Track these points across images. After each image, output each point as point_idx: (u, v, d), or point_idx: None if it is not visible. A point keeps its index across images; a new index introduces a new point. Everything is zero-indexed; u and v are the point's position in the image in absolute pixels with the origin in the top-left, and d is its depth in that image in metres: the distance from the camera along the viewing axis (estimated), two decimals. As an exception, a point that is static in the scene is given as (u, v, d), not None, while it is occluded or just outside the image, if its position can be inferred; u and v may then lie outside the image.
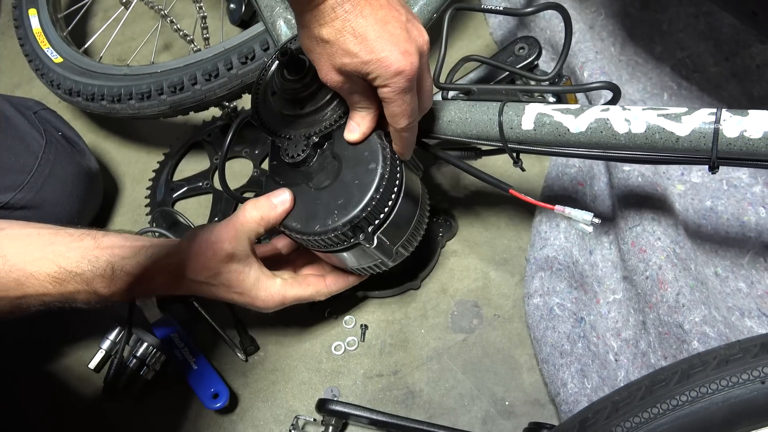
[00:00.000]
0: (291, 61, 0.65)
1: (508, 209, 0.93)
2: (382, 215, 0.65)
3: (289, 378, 0.85)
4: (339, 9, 0.52)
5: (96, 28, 1.34)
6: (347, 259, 0.71)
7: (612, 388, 0.74)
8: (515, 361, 0.81)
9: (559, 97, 0.71)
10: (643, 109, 0.59)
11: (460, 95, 0.73)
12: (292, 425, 0.80)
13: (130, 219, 1.07)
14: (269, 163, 0.72)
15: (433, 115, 0.70)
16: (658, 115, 0.58)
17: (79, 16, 1.23)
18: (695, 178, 0.88)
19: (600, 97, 0.91)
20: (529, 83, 0.75)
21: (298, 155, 0.66)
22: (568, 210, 0.62)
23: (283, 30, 0.82)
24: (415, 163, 0.73)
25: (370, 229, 0.65)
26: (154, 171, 1.10)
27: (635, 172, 0.82)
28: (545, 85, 0.71)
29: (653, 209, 0.78)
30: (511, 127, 0.65)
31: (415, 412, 0.80)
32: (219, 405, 0.81)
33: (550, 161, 0.96)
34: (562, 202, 0.62)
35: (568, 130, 0.62)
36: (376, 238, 0.66)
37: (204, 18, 1.08)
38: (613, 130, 0.60)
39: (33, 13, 1.15)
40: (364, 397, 0.82)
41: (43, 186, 0.89)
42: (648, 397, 0.47)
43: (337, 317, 0.88)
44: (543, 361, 0.77)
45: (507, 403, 0.79)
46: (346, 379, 0.84)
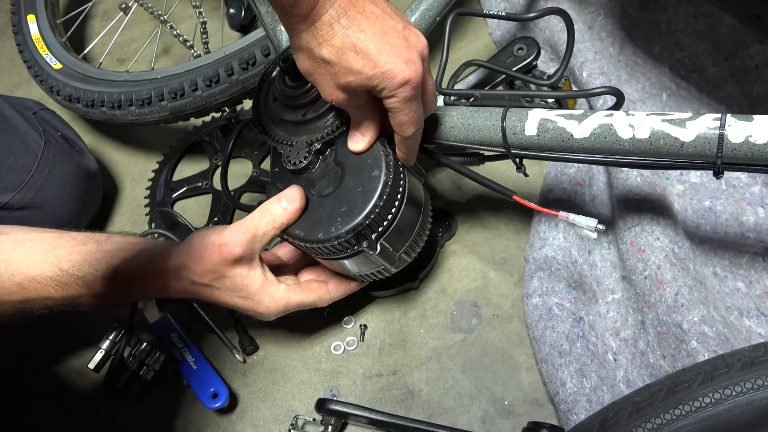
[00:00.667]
0: (292, 67, 0.65)
1: (507, 209, 0.93)
2: (385, 222, 0.64)
3: (289, 378, 0.85)
4: (336, 25, 0.52)
5: (95, 33, 1.34)
6: (350, 267, 0.71)
7: (611, 387, 0.74)
8: (514, 361, 0.81)
9: (560, 101, 0.71)
10: (647, 114, 0.59)
11: (463, 100, 0.73)
12: (292, 425, 0.80)
13: (130, 219, 1.07)
14: (271, 170, 0.72)
15: (436, 121, 0.70)
16: (663, 120, 0.58)
17: (78, 22, 1.23)
18: (694, 178, 0.88)
19: (599, 99, 0.90)
20: (529, 87, 0.75)
21: (300, 162, 0.66)
22: (572, 216, 0.61)
23: (284, 36, 0.82)
24: (418, 168, 0.72)
25: (373, 236, 0.64)
26: (153, 171, 1.10)
27: (634, 172, 0.82)
28: (548, 90, 0.71)
29: (652, 209, 0.79)
30: (514, 133, 0.65)
31: (414, 411, 0.80)
32: (218, 405, 0.81)
33: (549, 162, 0.96)
34: (563, 204, 0.62)
35: (572, 135, 0.62)
36: (379, 245, 0.65)
37: (204, 23, 1.08)
38: (617, 135, 0.60)
39: (32, 18, 1.14)
40: (364, 397, 0.82)
41: (43, 186, 0.89)
42: (670, 398, 0.46)
43: (336, 317, 0.88)
44: (542, 361, 0.77)
45: (506, 402, 0.79)
46: (346, 379, 0.84)
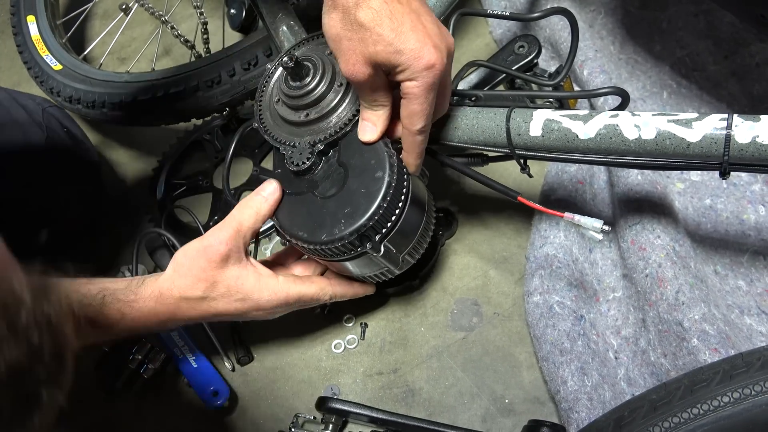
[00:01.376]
0: (296, 67, 0.64)
1: (507, 208, 0.93)
2: (389, 224, 0.64)
3: (289, 376, 0.85)
4: None
5: (95, 34, 1.34)
6: (353, 269, 0.70)
7: (612, 385, 0.74)
8: (515, 359, 0.81)
9: (561, 101, 0.71)
10: (653, 114, 0.59)
11: (466, 101, 0.73)
12: (292, 423, 0.80)
13: (130, 218, 1.07)
14: (273, 171, 0.71)
15: (440, 122, 0.69)
16: (669, 120, 0.58)
17: (78, 23, 1.22)
18: (695, 176, 0.88)
19: (601, 98, 0.90)
20: (533, 87, 0.75)
21: (303, 163, 0.66)
22: (577, 218, 0.60)
23: (285, 36, 0.81)
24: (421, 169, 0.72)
25: (377, 237, 0.64)
26: (153, 170, 1.10)
27: (635, 171, 0.82)
28: (551, 90, 0.70)
29: (653, 207, 0.78)
30: (519, 134, 0.65)
31: (415, 410, 0.80)
32: (219, 403, 0.81)
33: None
34: (564, 202, 0.62)
35: (577, 136, 0.62)
36: (383, 246, 0.64)
37: (205, 23, 1.08)
38: (622, 136, 0.60)
39: (31, 20, 1.14)
40: (364, 395, 0.82)
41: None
42: (688, 396, 0.46)
43: (336, 316, 0.88)
44: (543, 359, 0.77)
45: (507, 400, 0.79)
46: (346, 378, 0.84)
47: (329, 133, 0.66)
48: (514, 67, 0.75)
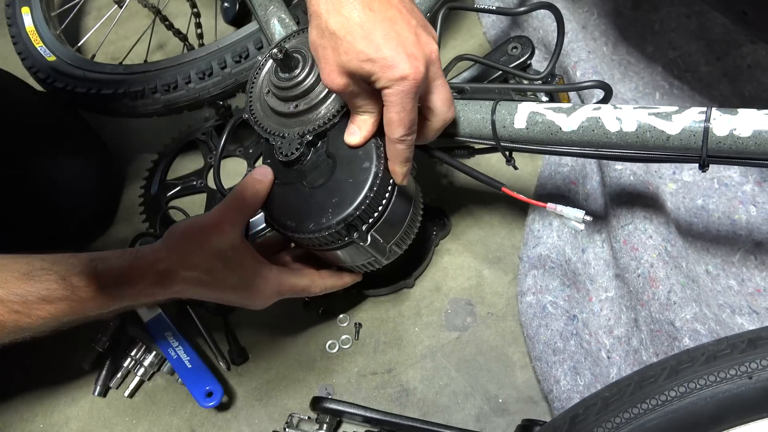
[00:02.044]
0: (285, 59, 0.65)
1: (501, 208, 0.94)
2: (376, 214, 0.65)
3: (284, 376, 0.86)
4: None
5: (89, 26, 1.34)
6: (341, 257, 0.71)
7: (604, 385, 0.74)
8: (508, 359, 0.82)
9: (552, 96, 0.72)
10: (634, 107, 0.60)
11: (454, 94, 0.74)
12: (287, 423, 0.80)
13: (124, 218, 1.07)
14: (263, 162, 0.72)
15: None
16: (649, 113, 0.59)
17: (72, 15, 1.23)
18: (687, 176, 0.89)
19: (593, 96, 0.91)
20: (522, 82, 0.76)
21: (292, 153, 0.67)
22: (560, 208, 0.62)
23: (276, 28, 0.82)
24: None
25: (364, 227, 0.65)
26: (148, 170, 1.10)
27: (627, 171, 0.82)
28: (538, 84, 0.71)
29: (645, 207, 0.79)
30: (504, 126, 0.66)
31: (409, 409, 0.80)
32: (213, 403, 0.81)
33: (543, 160, 0.96)
34: (555, 201, 0.63)
35: (560, 128, 0.63)
36: (369, 236, 0.66)
37: (198, 16, 1.08)
38: (604, 128, 0.61)
39: (26, 11, 1.14)
40: (358, 395, 0.82)
41: None
42: (637, 392, 0.47)
43: (331, 316, 0.89)
44: (536, 359, 0.78)
45: (500, 400, 0.79)
46: (341, 377, 0.84)
47: (318, 124, 0.67)
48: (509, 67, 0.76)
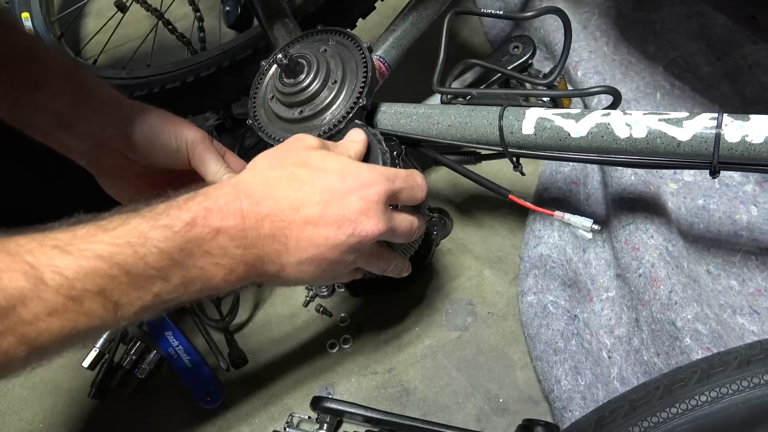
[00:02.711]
0: (290, 64, 0.64)
1: (502, 208, 0.94)
2: None
3: (284, 375, 0.85)
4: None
5: (91, 31, 1.33)
6: None
7: (605, 384, 0.74)
8: (509, 359, 0.82)
9: (555, 100, 0.72)
10: (644, 113, 0.59)
11: (460, 99, 0.73)
12: (287, 422, 0.80)
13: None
14: None
15: (433, 120, 0.70)
16: (660, 119, 0.58)
17: (73, 20, 1.22)
18: (688, 176, 0.89)
19: (595, 98, 0.91)
20: (526, 86, 0.75)
21: None
22: (567, 216, 0.61)
23: (281, 33, 0.81)
24: (414, 165, 0.72)
25: None
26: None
27: (628, 171, 0.82)
28: (544, 89, 0.71)
29: (646, 208, 0.79)
30: (512, 132, 0.65)
31: (409, 409, 0.80)
32: (214, 403, 0.81)
33: (544, 160, 0.96)
34: (557, 202, 0.62)
35: (569, 134, 0.62)
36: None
37: (201, 20, 1.08)
38: (614, 134, 0.60)
39: (26, 16, 1.14)
40: (359, 395, 0.82)
41: None
42: (666, 396, 0.46)
43: (332, 315, 0.88)
44: (537, 359, 0.78)
45: (501, 400, 0.79)
46: (341, 377, 0.84)
47: (323, 130, 0.66)
48: (509, 68, 0.75)
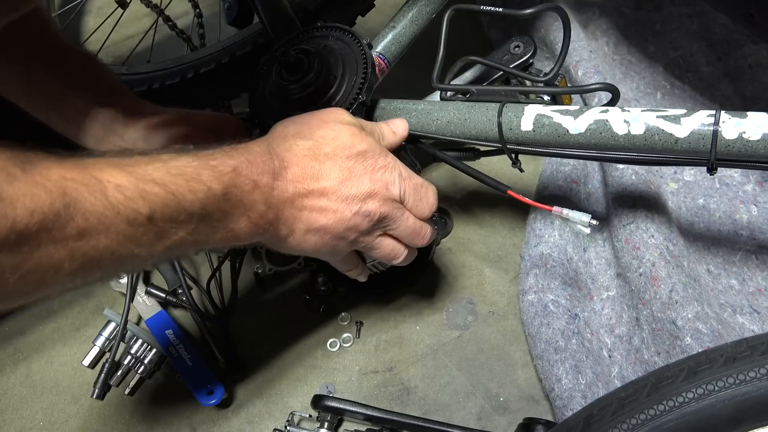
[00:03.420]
0: (290, 60, 0.64)
1: (502, 207, 0.94)
2: None
3: (285, 374, 0.85)
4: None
5: (90, 27, 1.33)
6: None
7: (606, 383, 0.75)
8: (510, 358, 0.82)
9: (555, 97, 0.72)
10: (642, 110, 0.60)
11: (459, 96, 0.73)
12: (288, 421, 0.80)
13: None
14: None
15: (432, 116, 0.70)
16: (658, 116, 0.58)
17: (73, 16, 1.22)
18: (688, 176, 0.89)
19: (595, 95, 0.91)
20: (525, 84, 0.75)
21: None
22: (566, 211, 0.61)
23: (281, 29, 0.81)
24: (413, 161, 0.72)
25: None
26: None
27: (629, 170, 0.83)
28: (543, 86, 0.71)
29: (647, 207, 0.79)
30: (510, 128, 0.65)
31: (410, 408, 0.80)
32: (214, 401, 0.81)
33: (545, 159, 0.96)
34: (558, 201, 0.63)
35: (568, 131, 0.62)
36: None
37: (200, 17, 1.08)
38: (612, 131, 0.60)
39: (26, 13, 1.14)
40: (360, 394, 0.82)
41: None
42: (654, 394, 0.47)
43: (332, 314, 0.89)
44: (537, 358, 0.78)
45: (501, 399, 0.79)
46: (342, 376, 0.84)
47: None
48: (510, 67, 0.75)
